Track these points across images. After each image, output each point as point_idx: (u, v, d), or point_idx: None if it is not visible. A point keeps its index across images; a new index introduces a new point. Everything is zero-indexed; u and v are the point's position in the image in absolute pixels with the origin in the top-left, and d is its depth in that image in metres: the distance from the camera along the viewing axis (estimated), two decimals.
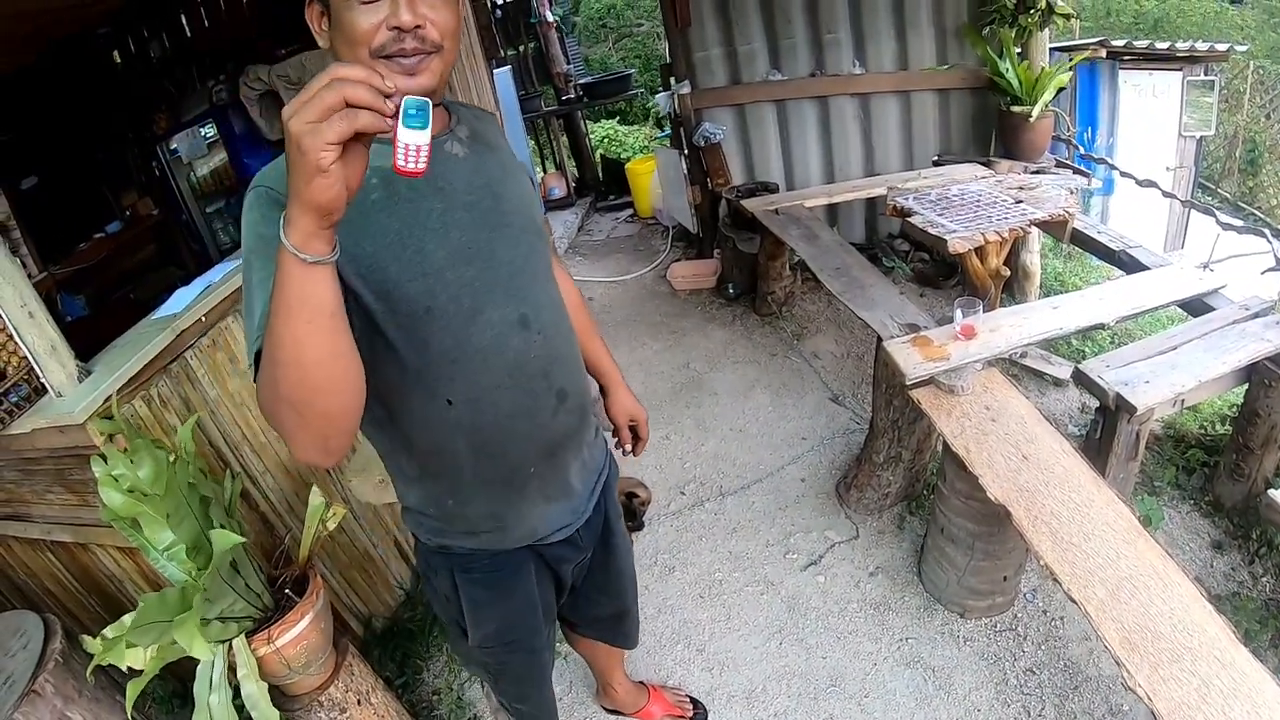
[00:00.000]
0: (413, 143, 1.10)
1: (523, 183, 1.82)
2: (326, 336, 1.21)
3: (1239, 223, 4.44)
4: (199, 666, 2.42)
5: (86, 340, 2.98)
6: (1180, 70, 8.30)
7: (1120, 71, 8.16)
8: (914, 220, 4.42)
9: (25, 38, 4.56)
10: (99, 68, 6.88)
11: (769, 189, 6.11)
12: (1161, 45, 8.35)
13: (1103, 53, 7.77)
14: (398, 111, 1.08)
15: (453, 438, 1.71)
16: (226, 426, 3.10)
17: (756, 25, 6.27)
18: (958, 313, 3.41)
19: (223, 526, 2.48)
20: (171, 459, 2.47)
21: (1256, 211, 11.72)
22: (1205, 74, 8.46)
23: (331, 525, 2.81)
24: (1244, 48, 10.92)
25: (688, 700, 3.26)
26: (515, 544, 1.94)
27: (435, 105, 1.48)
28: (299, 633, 2.60)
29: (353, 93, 1.03)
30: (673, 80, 6.45)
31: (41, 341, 2.64)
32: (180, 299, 3.20)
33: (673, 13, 6.13)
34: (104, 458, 2.33)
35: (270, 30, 6.03)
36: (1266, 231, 4.21)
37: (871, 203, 6.47)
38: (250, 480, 3.16)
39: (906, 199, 4.70)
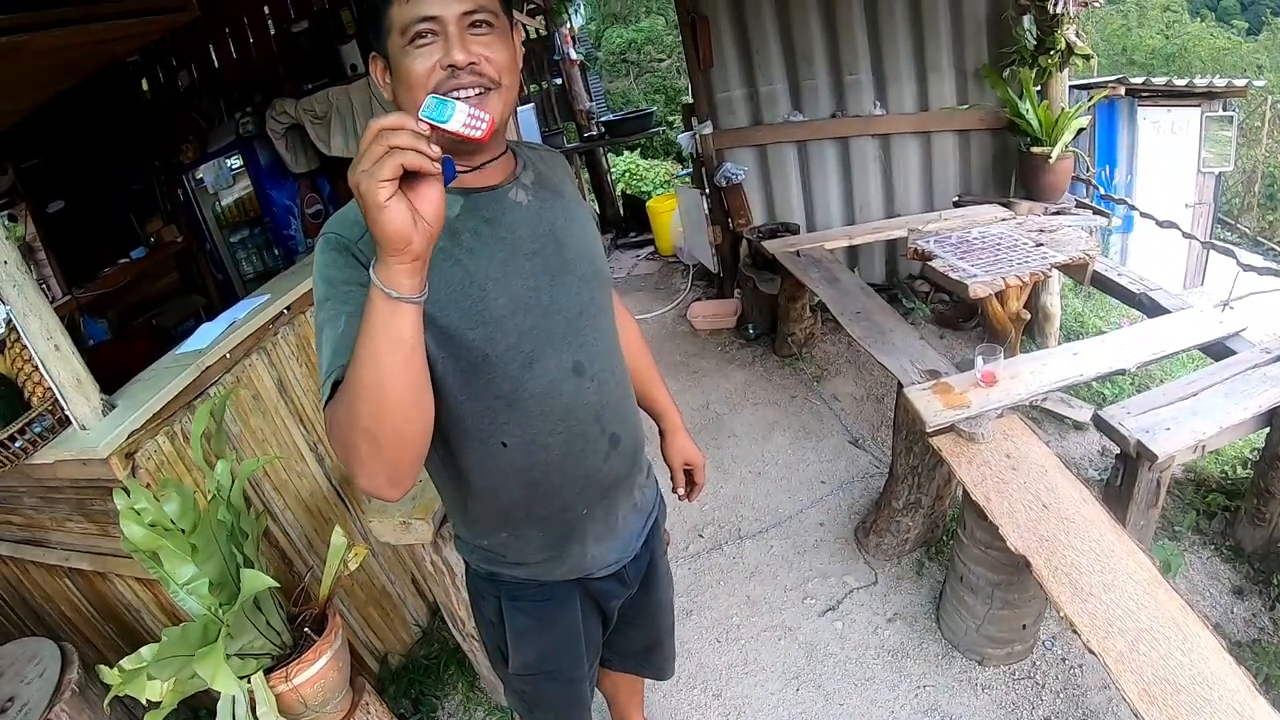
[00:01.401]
0: (459, 122, 1.21)
1: (587, 227, 1.85)
2: (405, 366, 1.30)
3: (1259, 262, 4.42)
4: (219, 702, 2.43)
5: (108, 365, 3.02)
6: (1198, 106, 8.29)
7: (1139, 108, 8.15)
8: (935, 264, 4.42)
9: (57, 70, 4.62)
10: (128, 96, 6.96)
11: (790, 230, 6.13)
12: (1179, 82, 8.35)
13: (1121, 90, 7.77)
14: (433, 129, 1.19)
15: (507, 477, 1.76)
16: None
17: (778, 66, 6.30)
18: (978, 359, 3.40)
19: (251, 564, 2.50)
20: (209, 496, 2.49)
21: (1277, 246, 11.69)
22: (1223, 109, 8.45)
23: (353, 565, 2.82)
24: (1261, 83, 10.91)
25: None
26: (564, 577, 1.97)
27: (502, 155, 1.70)
28: (316, 671, 2.61)
29: (395, 140, 1.13)
30: (695, 120, 6.48)
31: (67, 374, 2.67)
32: (205, 335, 3.23)
33: (695, 54, 6.17)
34: (126, 490, 2.35)
35: (297, 65, 6.10)
36: None
37: (892, 243, 6.47)
38: (271, 517, 3.18)
39: (927, 242, 4.70)
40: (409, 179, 1.18)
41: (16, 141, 6.16)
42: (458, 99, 1.24)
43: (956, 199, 6.13)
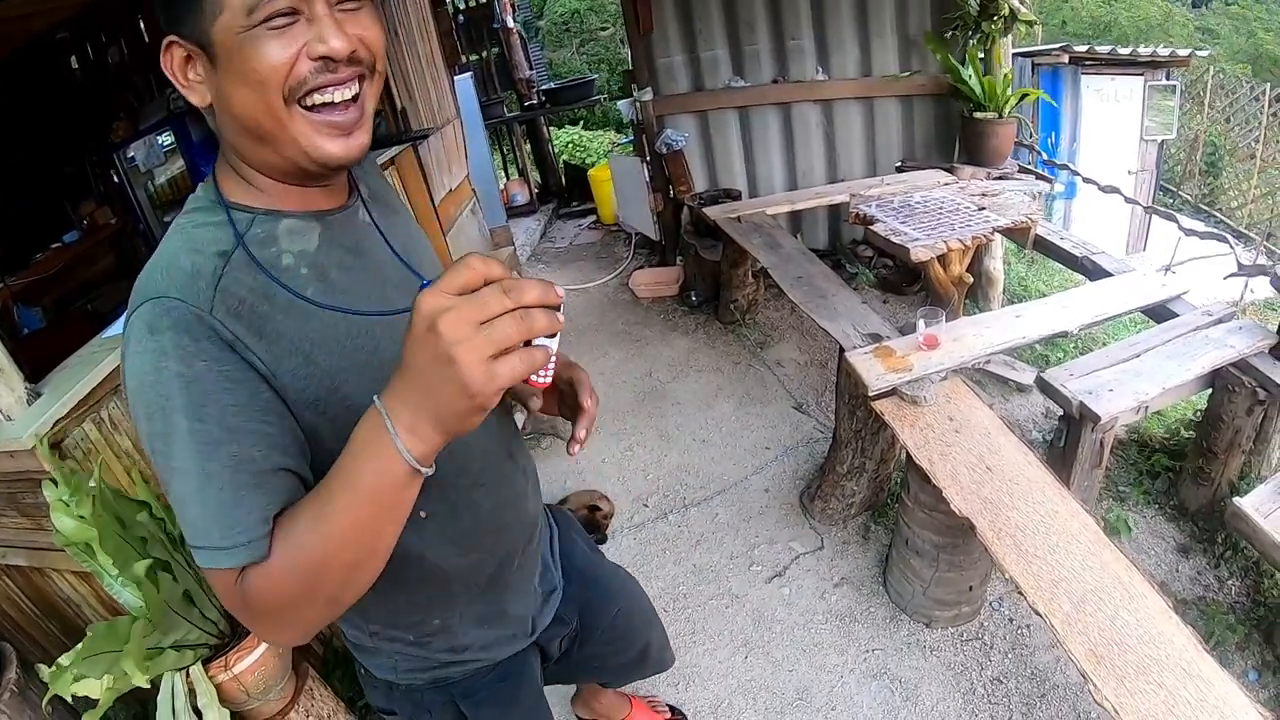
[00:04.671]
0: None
1: (422, 239, 1.59)
2: (398, 531, 1.07)
3: (1200, 227, 4.45)
4: (159, 694, 2.38)
5: (44, 354, 2.94)
6: (1142, 75, 8.35)
7: (1083, 76, 8.20)
8: (877, 228, 4.42)
9: None
10: (55, 74, 6.79)
11: (731, 196, 6.09)
12: (1123, 50, 8.40)
13: (1065, 58, 7.81)
14: None
15: (432, 552, 1.48)
16: None
17: (719, 32, 6.26)
18: (920, 322, 3.39)
19: (163, 561, 2.42)
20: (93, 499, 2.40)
21: (1217, 213, 11.83)
22: (1166, 78, 8.51)
23: None
24: (1205, 52, 11.01)
25: (667, 709, 3.19)
26: (517, 647, 1.78)
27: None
28: (256, 659, 2.57)
29: (540, 323, 0.90)
30: (635, 87, 6.42)
31: None
32: None
33: (635, 19, 6.09)
34: (55, 481, 2.28)
35: None
36: (1229, 237, 4.23)
37: (835, 209, 6.45)
38: None
39: (869, 206, 4.69)
40: None
41: None
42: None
43: (899, 164, 6.14)
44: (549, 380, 1.01)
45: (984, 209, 4.47)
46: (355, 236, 1.35)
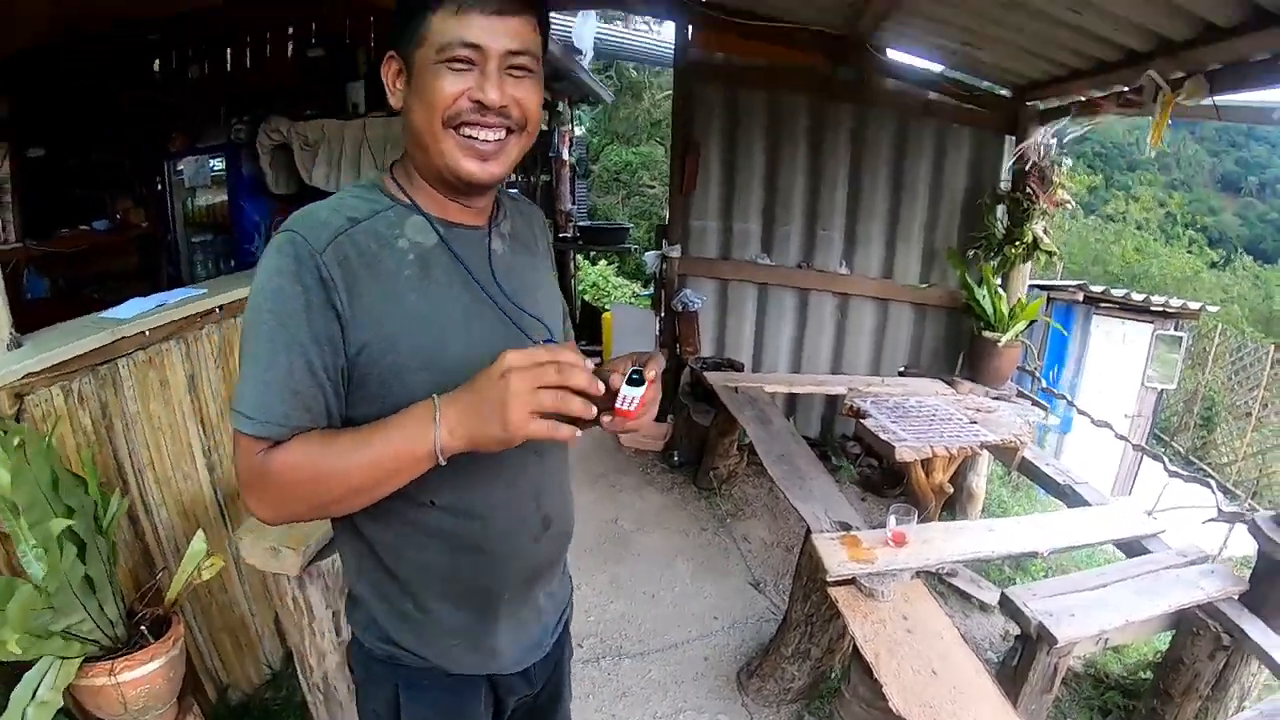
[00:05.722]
0: (633, 395, 1.31)
1: (552, 293, 1.80)
2: (389, 490, 1.37)
3: (1185, 472, 4.48)
4: (28, 672, 2.32)
5: (40, 323, 2.95)
6: (1151, 323, 8.48)
7: (1094, 316, 8.34)
8: (867, 422, 4.47)
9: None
10: (138, 69, 6.94)
11: (735, 366, 6.18)
12: (1137, 296, 8.55)
13: (1080, 296, 7.97)
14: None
15: (427, 542, 1.60)
16: (137, 447, 3.04)
17: (755, 207, 6.45)
18: (891, 518, 3.40)
19: (79, 538, 2.39)
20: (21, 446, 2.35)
21: (1206, 467, 11.92)
22: (1175, 329, 8.64)
23: (207, 575, 2.77)
24: (1215, 308, 11.23)
25: None
26: (472, 670, 1.75)
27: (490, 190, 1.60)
28: (145, 674, 2.54)
29: (573, 378, 1.23)
30: (665, 241, 6.54)
31: None
32: (131, 307, 3.20)
33: (680, 176, 6.27)
34: (4, 430, 2.30)
35: (302, 89, 6.28)
36: (1212, 482, 4.25)
37: (831, 400, 6.54)
38: (145, 510, 3.10)
39: (864, 401, 4.75)
40: None
41: (20, 78, 6.20)
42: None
43: (903, 369, 6.23)
44: (633, 409, 1.32)
45: (975, 423, 4.51)
46: (472, 254, 1.57)
